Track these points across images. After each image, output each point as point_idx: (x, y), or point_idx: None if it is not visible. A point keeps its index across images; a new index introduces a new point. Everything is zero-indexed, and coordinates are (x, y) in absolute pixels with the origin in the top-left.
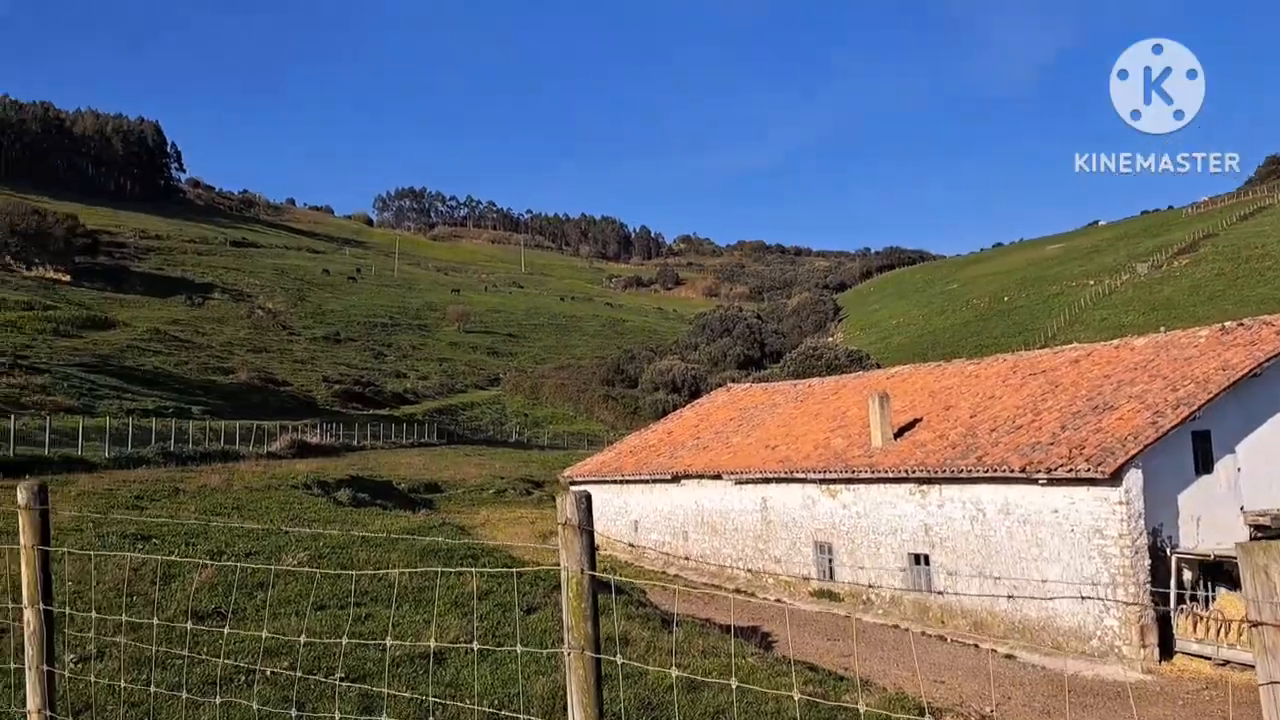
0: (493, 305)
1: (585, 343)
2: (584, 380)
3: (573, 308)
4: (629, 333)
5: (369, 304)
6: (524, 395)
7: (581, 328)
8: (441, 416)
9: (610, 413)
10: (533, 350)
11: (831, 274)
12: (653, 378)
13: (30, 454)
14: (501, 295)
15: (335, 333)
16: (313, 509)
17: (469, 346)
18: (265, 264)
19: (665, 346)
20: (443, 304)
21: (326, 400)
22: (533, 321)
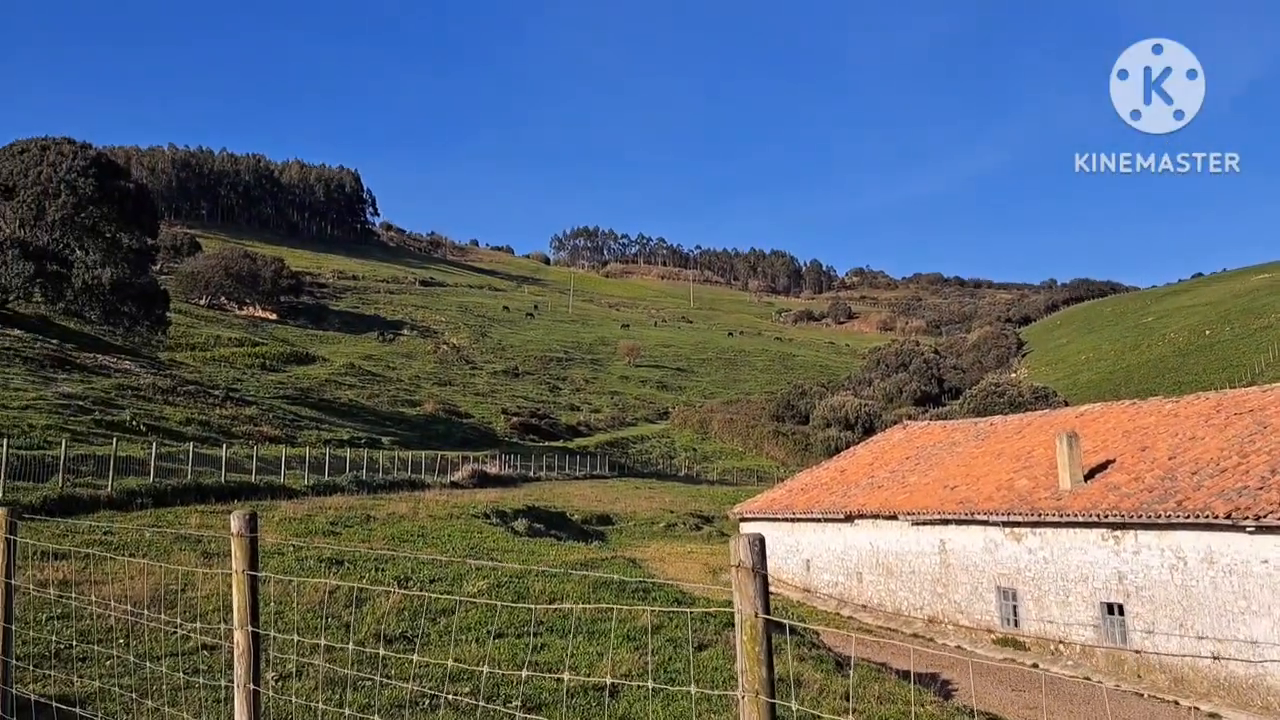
0: (662, 340)
1: (754, 378)
2: (753, 415)
3: (741, 342)
4: (799, 368)
5: (545, 339)
6: (693, 430)
7: (750, 362)
8: (612, 449)
9: (780, 449)
10: (701, 385)
11: (1014, 307)
12: (824, 414)
13: (239, 480)
14: (671, 330)
15: (514, 367)
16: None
17: (639, 381)
18: (450, 301)
19: (837, 382)
20: (614, 339)
21: (505, 432)
22: (701, 356)
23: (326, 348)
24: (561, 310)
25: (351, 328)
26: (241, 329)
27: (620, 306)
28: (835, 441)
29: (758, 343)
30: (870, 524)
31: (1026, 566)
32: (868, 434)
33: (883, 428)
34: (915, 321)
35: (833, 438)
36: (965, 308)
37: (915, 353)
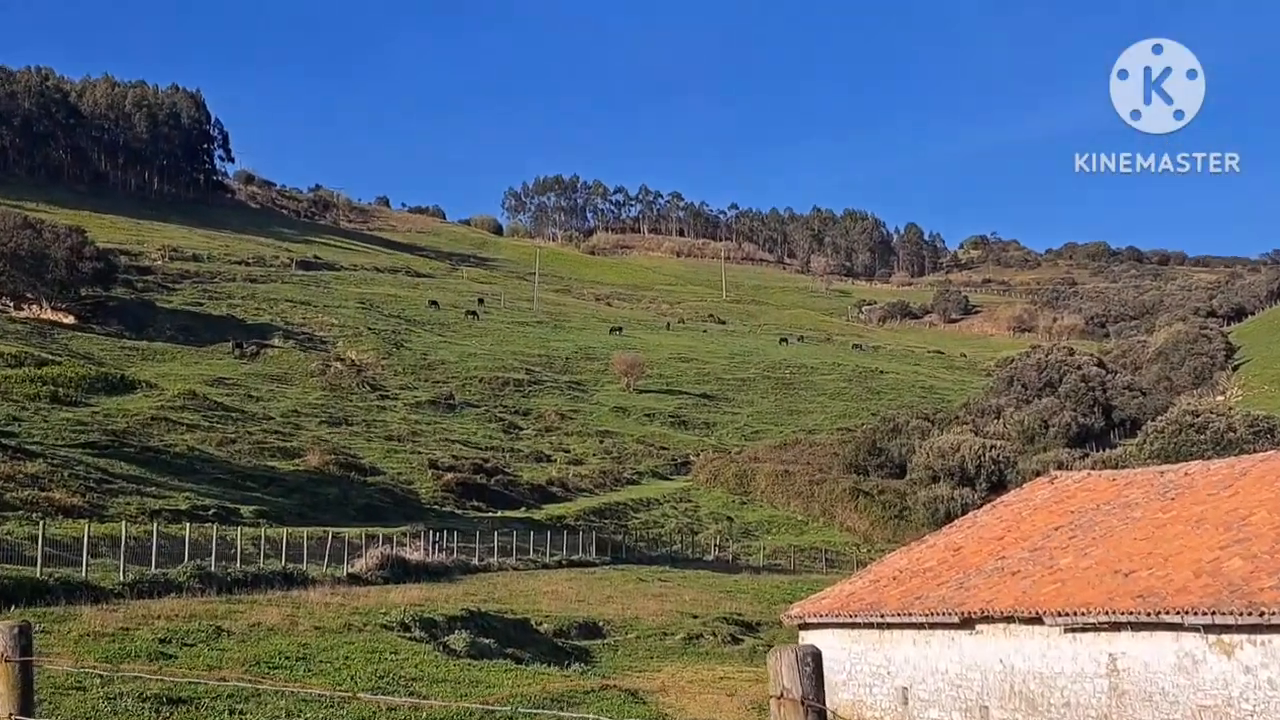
0: (679, 350)
1: (821, 407)
2: (819, 466)
3: (801, 353)
4: (889, 390)
5: (496, 351)
6: (727, 489)
7: (815, 384)
8: (603, 520)
9: (862, 516)
10: (740, 420)
11: (1219, 294)
12: (928, 462)
13: (16, 575)
14: (692, 335)
15: (447, 395)
16: (413, 661)
17: (643, 414)
18: (347, 294)
19: (949, 412)
20: (604, 350)
21: (434, 496)
22: (739, 375)
23: (154, 368)
24: (522, 305)
25: (193, 336)
26: (20, 339)
27: (614, 299)
28: (945, 504)
29: (826, 353)
30: (1001, 631)
31: (1243, 695)
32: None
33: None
34: (1067, 318)
35: (941, 498)
36: (1144, 295)
37: (1068, 365)
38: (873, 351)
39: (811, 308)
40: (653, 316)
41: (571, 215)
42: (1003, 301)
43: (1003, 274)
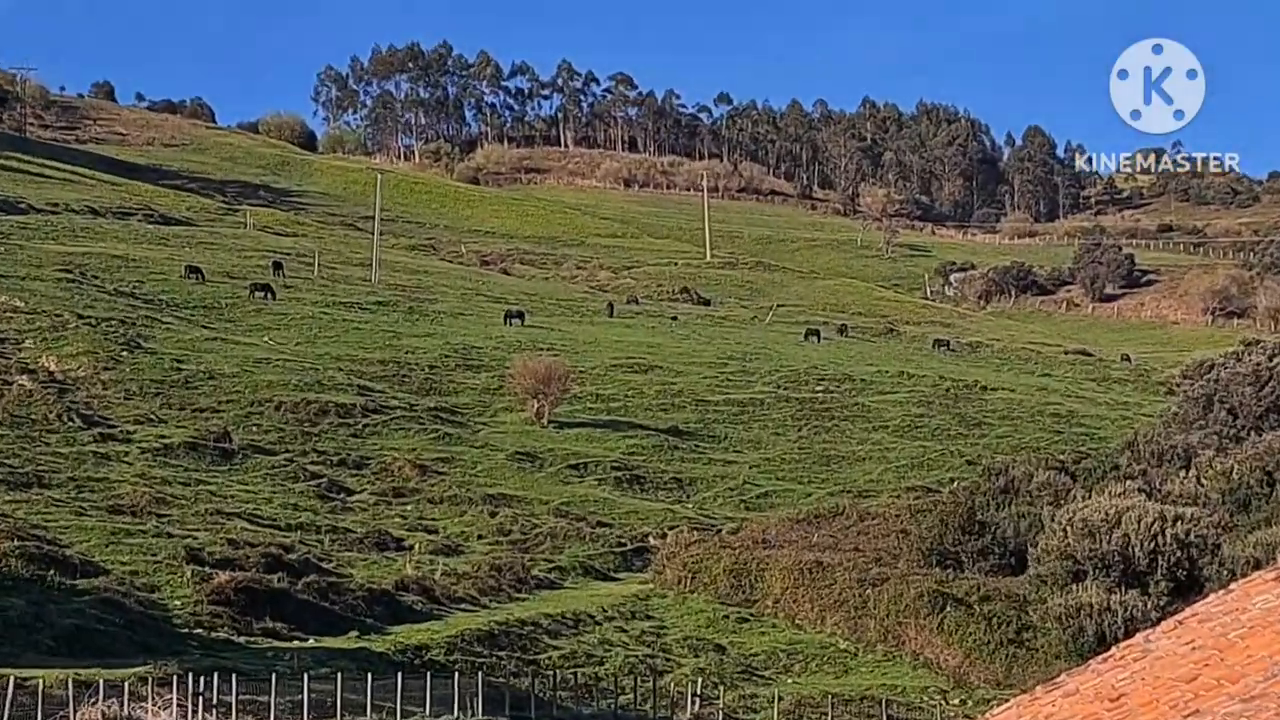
0: (630, 352)
1: (879, 450)
2: (878, 552)
3: (845, 354)
4: (998, 420)
5: (307, 356)
6: (714, 595)
7: (868, 408)
8: (496, 653)
9: (951, 641)
10: (736, 473)
11: None
12: (1066, 545)
13: None
14: (654, 324)
15: (219, 434)
16: None
17: (565, 464)
18: (38, 256)
19: (1101, 459)
20: (497, 351)
21: (197, 612)
22: (735, 395)
23: None
24: (351, 274)
25: None
26: None
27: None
28: (1096, 619)
29: (887, 355)
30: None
31: None
32: (1183, 597)
33: (1223, 579)
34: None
35: (1089, 609)
36: None
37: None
38: (969, 352)
39: (862, 275)
40: (583, 293)
41: (439, 115)
42: (1195, 264)
43: (1195, 216)
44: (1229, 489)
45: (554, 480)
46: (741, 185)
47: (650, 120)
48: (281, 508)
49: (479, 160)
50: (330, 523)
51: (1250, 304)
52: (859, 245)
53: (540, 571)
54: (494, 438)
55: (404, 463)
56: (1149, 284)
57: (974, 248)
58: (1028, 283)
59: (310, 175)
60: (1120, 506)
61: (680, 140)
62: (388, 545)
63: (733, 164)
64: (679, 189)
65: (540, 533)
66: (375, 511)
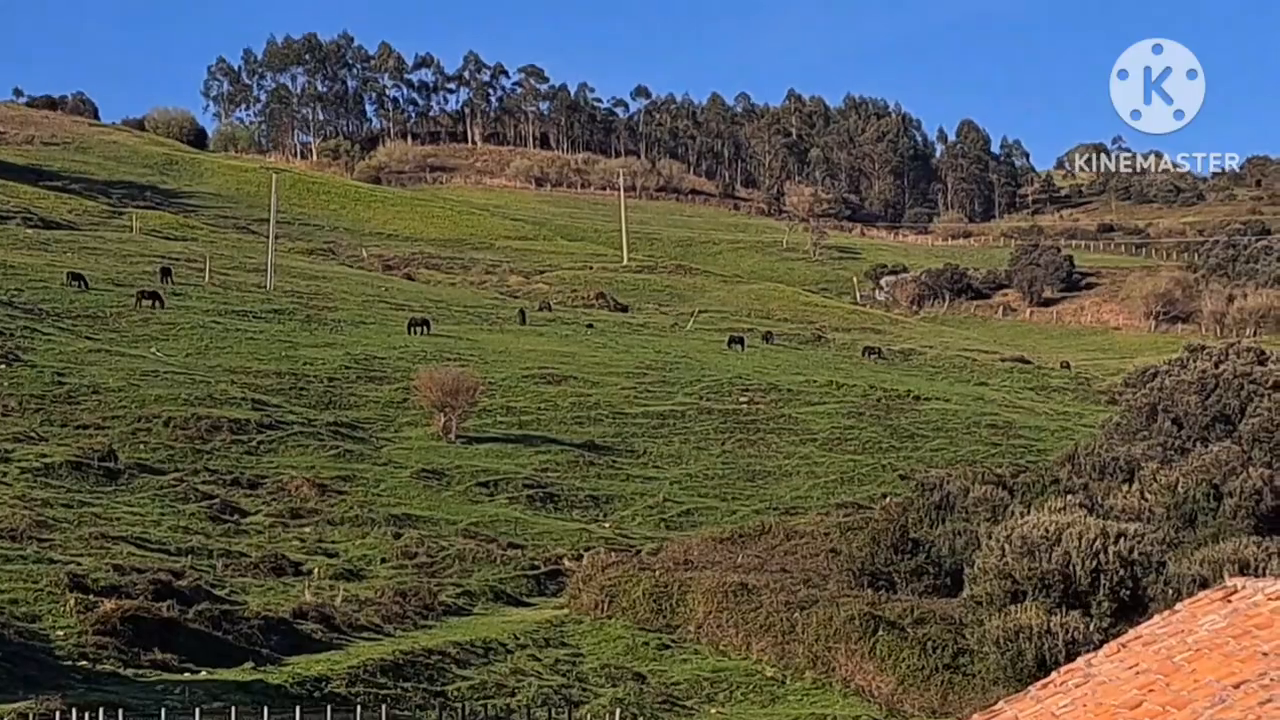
0: (543, 361)
1: (807, 464)
2: (807, 573)
3: (771, 363)
4: (931, 431)
5: (198, 369)
6: (633, 619)
7: (795, 420)
8: (401, 684)
9: (884, 667)
10: (656, 490)
11: None
12: (1005, 564)
13: None
14: (569, 332)
15: (104, 453)
16: None
17: (475, 482)
18: None
19: (1041, 473)
20: (401, 362)
21: (81, 643)
22: (655, 406)
23: None
24: (244, 280)
25: None
26: None
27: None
28: (1035, 642)
29: (815, 363)
30: None
31: None
32: (1127, 618)
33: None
34: (1254, 295)
35: (1028, 631)
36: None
37: (1257, 384)
38: (901, 360)
39: (788, 279)
40: (493, 299)
41: (338, 110)
42: (1138, 266)
43: (1136, 215)
44: (1174, 503)
45: (462, 499)
46: (660, 184)
47: (563, 115)
48: (171, 531)
49: (381, 158)
50: (223, 546)
51: (1195, 308)
52: (784, 247)
53: (448, 597)
54: (398, 454)
55: (302, 482)
56: (1089, 287)
57: (906, 249)
58: (962, 286)
59: (200, 175)
60: (1060, 523)
61: (595, 137)
62: (285, 570)
63: (651, 161)
64: (594, 188)
65: (448, 555)
66: (271, 534)
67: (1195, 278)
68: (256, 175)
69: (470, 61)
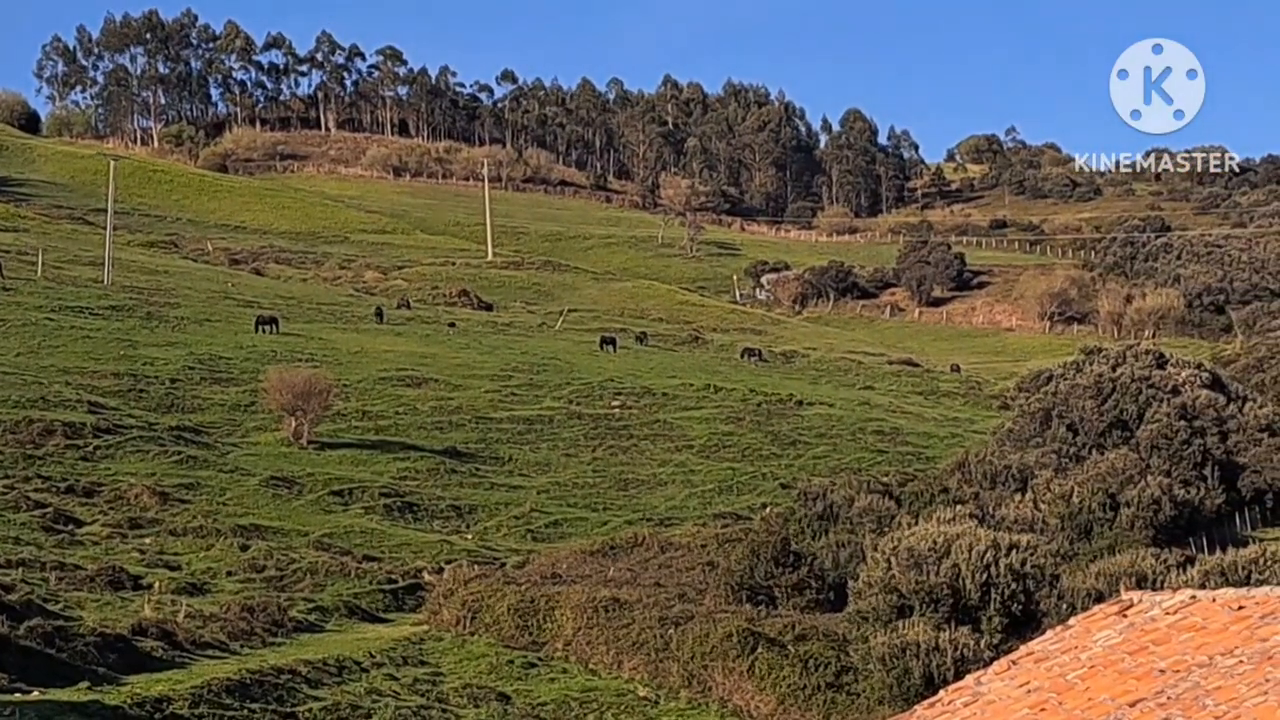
0: (401, 363)
1: (682, 472)
2: (682, 587)
3: (645, 366)
4: (814, 438)
5: (29, 369)
6: (498, 637)
7: (670, 425)
8: (248, 706)
9: (763, 686)
10: (523, 498)
11: None
12: (891, 578)
13: None
14: (429, 332)
15: None
16: None
17: (328, 490)
18: None
19: (929, 481)
20: (249, 362)
21: None
22: (522, 411)
23: None
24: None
25: None
26: None
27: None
28: (922, 660)
29: (691, 366)
30: None
31: None
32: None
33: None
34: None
35: (915, 648)
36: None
37: (1155, 388)
38: (782, 363)
39: (663, 276)
40: (348, 296)
41: (181, 93)
42: (1032, 264)
43: (1030, 211)
44: (1069, 513)
45: (314, 509)
46: (527, 174)
47: (423, 101)
48: (0, 541)
49: (227, 145)
50: (57, 558)
51: (1092, 308)
52: (660, 243)
53: (299, 613)
54: (245, 460)
55: (141, 489)
56: (981, 286)
57: (788, 246)
58: (847, 285)
59: (33, 162)
60: (949, 534)
61: (458, 124)
62: (123, 584)
63: (517, 150)
64: (456, 178)
65: (299, 568)
66: (109, 545)
67: (1092, 276)
68: (93, 162)
69: (324, 42)
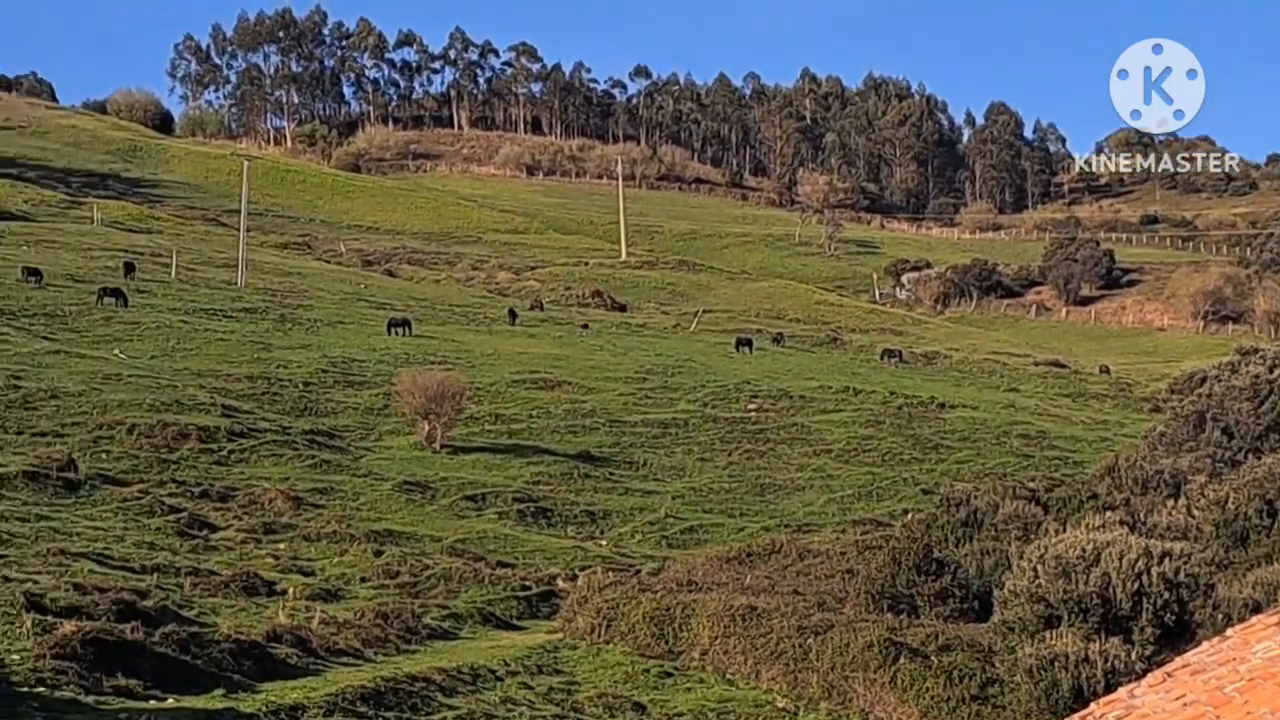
0: (534, 365)
1: (821, 477)
2: (822, 595)
3: (782, 367)
4: (958, 442)
5: (163, 372)
6: (633, 645)
7: (808, 429)
8: (382, 714)
9: (906, 698)
10: (658, 504)
11: None
12: (1037, 587)
13: None
14: (562, 334)
15: (63, 462)
16: None
17: (461, 495)
18: None
19: (1077, 487)
20: (382, 365)
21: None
22: (656, 414)
23: None
24: (213, 276)
25: None
26: None
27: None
28: (1071, 672)
29: (829, 368)
30: None
31: None
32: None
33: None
34: None
35: (1063, 660)
36: None
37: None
38: (924, 364)
39: (801, 275)
40: (480, 297)
41: (314, 92)
42: (1184, 261)
43: (1183, 205)
44: (1224, 520)
45: (448, 514)
46: (662, 172)
47: (556, 98)
48: (135, 547)
49: (360, 144)
50: (191, 564)
51: (1247, 307)
52: (797, 241)
53: (432, 619)
54: (378, 465)
55: (275, 494)
56: (1131, 284)
57: (929, 243)
58: (991, 283)
59: (166, 162)
60: (1099, 541)
61: (591, 120)
62: (257, 589)
63: (651, 148)
64: (590, 177)
65: (432, 575)
66: (243, 551)
67: (1247, 274)
68: (226, 162)
69: (456, 39)
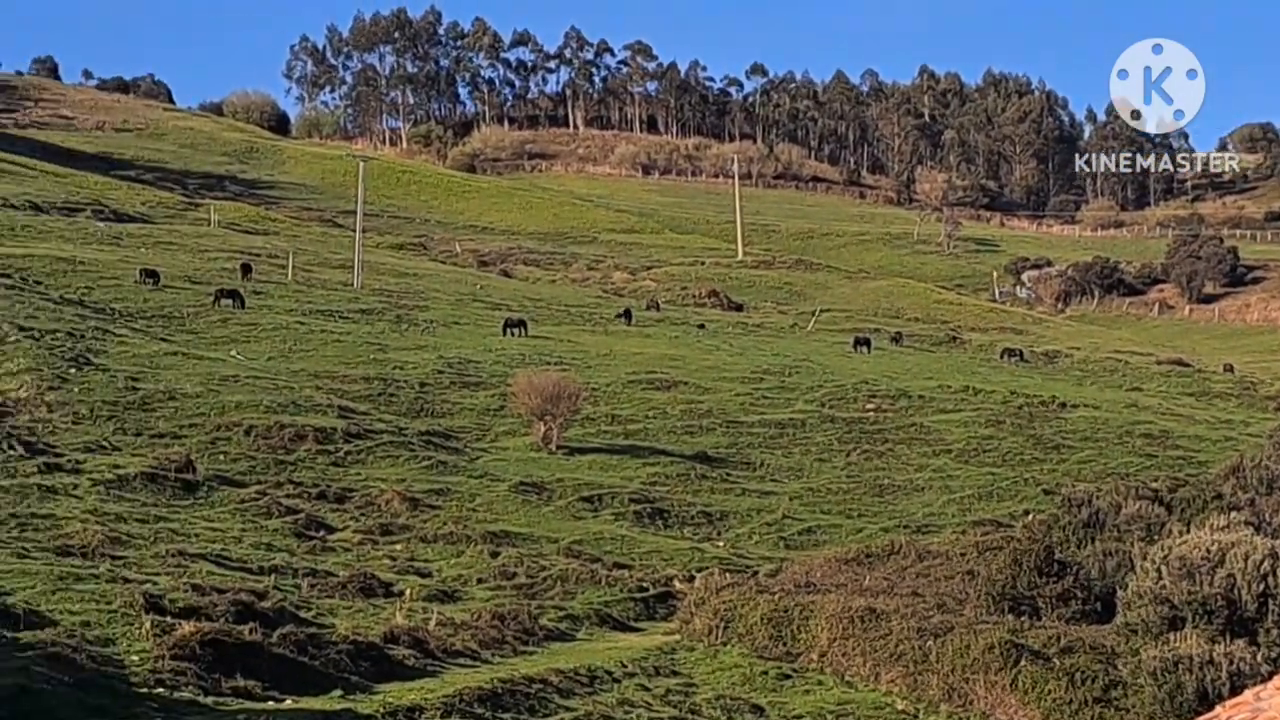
0: (650, 365)
1: (940, 477)
2: (941, 597)
3: (901, 367)
4: (1079, 442)
5: (280, 373)
6: (750, 647)
7: (927, 429)
8: (500, 715)
9: (1028, 700)
10: (774, 505)
11: None
12: (1161, 588)
13: None
14: (678, 333)
15: (182, 463)
16: None
17: (578, 496)
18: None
19: (1201, 488)
20: (497, 366)
21: (156, 668)
22: (774, 414)
23: None
24: (329, 277)
25: None
26: None
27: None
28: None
29: (948, 367)
30: None
31: None
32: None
33: None
34: None
35: (1189, 663)
36: None
37: None
38: (1045, 363)
39: (919, 274)
40: (595, 297)
41: (429, 92)
42: None
43: None
44: None
45: (564, 515)
46: (778, 171)
47: (672, 96)
48: (253, 548)
49: (475, 144)
50: (309, 565)
51: None
52: (915, 239)
53: (549, 621)
54: (495, 466)
55: (392, 495)
56: (1256, 281)
57: (1049, 241)
58: (1113, 281)
59: (282, 164)
60: (1224, 542)
61: (707, 119)
62: (375, 591)
63: (768, 146)
64: (705, 175)
65: (549, 576)
66: (360, 552)
67: None
68: (342, 163)
69: (571, 39)
